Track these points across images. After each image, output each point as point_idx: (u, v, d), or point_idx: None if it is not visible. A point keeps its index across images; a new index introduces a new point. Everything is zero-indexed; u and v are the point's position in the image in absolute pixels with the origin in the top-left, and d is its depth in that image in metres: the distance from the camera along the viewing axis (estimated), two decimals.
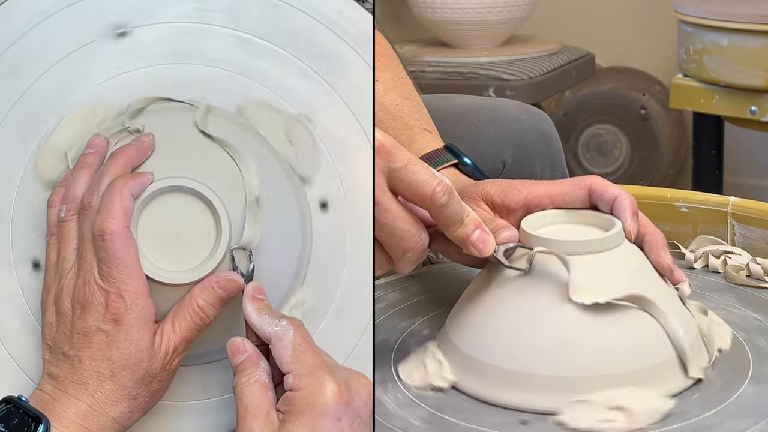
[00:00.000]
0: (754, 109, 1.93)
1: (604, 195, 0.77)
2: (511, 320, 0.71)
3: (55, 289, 0.71)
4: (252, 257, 0.74)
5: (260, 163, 0.75)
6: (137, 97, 0.76)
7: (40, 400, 0.68)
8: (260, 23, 0.77)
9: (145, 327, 0.69)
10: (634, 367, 0.70)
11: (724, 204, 0.98)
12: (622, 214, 0.75)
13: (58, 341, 0.70)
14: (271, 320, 0.69)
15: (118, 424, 0.68)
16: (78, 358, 0.69)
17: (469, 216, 0.71)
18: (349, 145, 0.77)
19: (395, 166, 0.69)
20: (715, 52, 1.94)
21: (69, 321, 0.70)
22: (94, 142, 0.76)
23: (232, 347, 0.69)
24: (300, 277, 0.77)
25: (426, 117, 0.97)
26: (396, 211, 0.69)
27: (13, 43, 0.77)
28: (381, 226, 0.69)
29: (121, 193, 0.71)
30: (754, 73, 1.88)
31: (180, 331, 0.71)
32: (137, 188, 0.72)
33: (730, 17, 1.92)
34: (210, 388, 0.76)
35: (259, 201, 0.75)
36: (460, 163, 0.90)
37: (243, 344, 0.69)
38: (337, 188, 0.77)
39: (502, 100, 1.18)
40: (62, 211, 0.73)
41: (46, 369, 0.70)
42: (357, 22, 0.78)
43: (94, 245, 0.70)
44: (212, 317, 0.72)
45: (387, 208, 0.69)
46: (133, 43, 0.77)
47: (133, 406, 0.69)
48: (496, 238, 0.73)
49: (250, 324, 0.70)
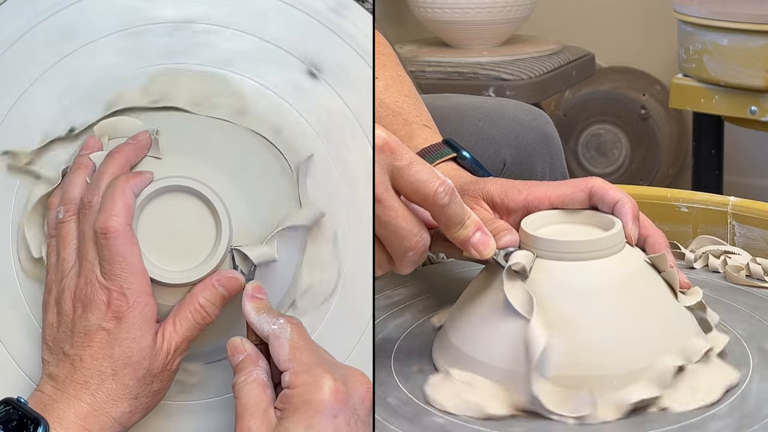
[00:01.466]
0: (754, 109, 1.93)
1: (605, 198, 0.77)
2: (519, 322, 0.71)
3: (56, 289, 0.71)
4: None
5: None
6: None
7: (39, 401, 0.68)
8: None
9: (147, 325, 0.69)
10: (649, 361, 0.70)
11: (724, 204, 0.98)
12: (623, 218, 0.75)
13: (58, 341, 0.70)
14: (269, 319, 0.69)
15: (119, 424, 0.68)
16: (79, 357, 0.68)
17: (470, 218, 0.71)
18: (347, 141, 0.77)
19: (398, 164, 0.69)
20: (715, 52, 1.94)
21: (70, 320, 0.70)
22: (89, 144, 0.76)
23: (232, 347, 0.69)
24: (300, 277, 0.77)
25: (425, 114, 0.97)
26: (399, 210, 0.69)
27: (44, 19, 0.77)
28: (383, 224, 0.69)
29: (123, 192, 0.71)
30: (754, 73, 1.88)
31: (182, 331, 0.71)
32: (139, 186, 0.72)
33: (730, 17, 1.92)
34: (210, 388, 0.76)
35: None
36: (459, 156, 0.90)
37: (242, 344, 0.69)
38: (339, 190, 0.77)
39: (502, 100, 1.19)
40: (60, 212, 0.73)
41: (45, 370, 0.70)
42: (356, 20, 0.78)
43: (96, 244, 0.70)
44: (214, 316, 0.72)
45: (390, 206, 0.69)
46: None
47: (134, 406, 0.69)
48: (498, 242, 0.73)
49: (249, 323, 0.70)
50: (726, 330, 0.79)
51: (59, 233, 0.73)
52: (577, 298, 0.71)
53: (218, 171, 0.75)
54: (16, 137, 0.76)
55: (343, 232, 0.77)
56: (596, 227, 0.77)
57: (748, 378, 0.73)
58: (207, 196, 0.73)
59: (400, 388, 0.73)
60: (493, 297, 0.73)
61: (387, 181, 0.69)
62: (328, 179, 0.77)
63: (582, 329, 0.70)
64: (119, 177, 0.72)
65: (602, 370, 0.69)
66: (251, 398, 0.66)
